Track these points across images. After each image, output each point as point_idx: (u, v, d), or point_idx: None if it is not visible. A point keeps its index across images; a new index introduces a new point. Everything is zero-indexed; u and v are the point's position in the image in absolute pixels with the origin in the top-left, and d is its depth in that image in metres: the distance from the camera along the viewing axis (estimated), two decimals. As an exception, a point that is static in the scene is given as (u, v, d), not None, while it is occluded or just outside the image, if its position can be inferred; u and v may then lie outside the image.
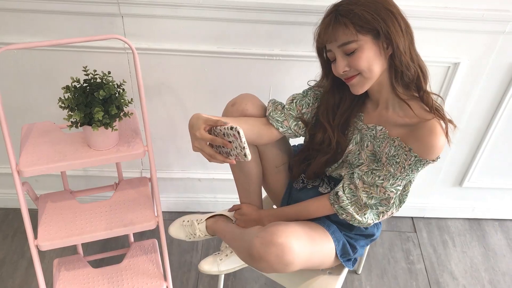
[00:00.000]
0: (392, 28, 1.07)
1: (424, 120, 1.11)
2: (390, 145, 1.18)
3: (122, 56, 1.55)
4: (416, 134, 1.13)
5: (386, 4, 1.08)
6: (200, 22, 1.47)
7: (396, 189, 1.19)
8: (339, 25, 1.07)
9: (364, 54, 1.08)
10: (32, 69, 1.58)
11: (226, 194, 1.99)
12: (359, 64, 1.09)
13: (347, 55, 1.10)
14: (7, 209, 2.01)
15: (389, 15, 1.07)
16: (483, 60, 1.57)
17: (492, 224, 2.10)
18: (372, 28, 1.06)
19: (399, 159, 1.16)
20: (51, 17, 1.45)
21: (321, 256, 1.27)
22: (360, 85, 1.14)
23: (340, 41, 1.08)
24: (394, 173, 1.17)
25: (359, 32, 1.06)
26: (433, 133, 1.10)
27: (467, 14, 1.44)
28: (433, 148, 1.11)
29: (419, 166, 1.14)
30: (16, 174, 1.29)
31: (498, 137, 1.79)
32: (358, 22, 1.05)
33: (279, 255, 1.12)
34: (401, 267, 1.90)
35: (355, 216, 1.23)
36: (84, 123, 1.26)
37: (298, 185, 1.41)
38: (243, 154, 1.04)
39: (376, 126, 1.22)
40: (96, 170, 1.89)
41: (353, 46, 1.08)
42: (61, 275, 1.58)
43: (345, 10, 1.07)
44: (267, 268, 1.15)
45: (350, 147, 1.27)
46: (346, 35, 1.07)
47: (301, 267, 1.19)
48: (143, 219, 1.46)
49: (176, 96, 1.66)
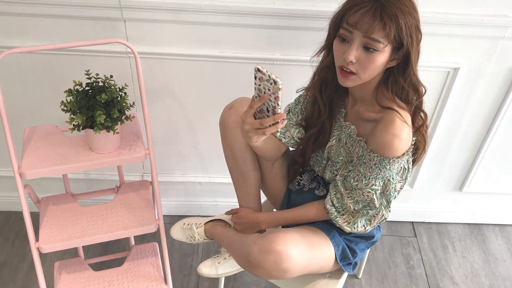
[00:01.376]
0: (415, 50, 1.08)
1: (387, 112, 1.12)
2: (358, 145, 1.20)
3: (124, 60, 1.56)
4: (374, 132, 1.14)
5: (418, 22, 1.08)
6: (202, 27, 1.48)
7: (372, 189, 1.19)
8: (382, 22, 1.03)
9: (379, 59, 1.07)
10: (34, 73, 1.59)
11: (226, 198, 1.99)
12: (369, 66, 1.08)
13: (363, 48, 1.07)
14: (9, 212, 2.02)
15: (417, 35, 1.08)
16: (483, 65, 1.57)
17: (492, 229, 2.10)
18: (399, 42, 1.06)
19: (365, 160, 1.17)
20: (54, 21, 1.46)
21: (320, 262, 1.27)
22: (352, 82, 1.13)
23: (373, 35, 1.04)
24: (364, 173, 1.18)
25: (390, 39, 1.05)
26: (388, 128, 1.10)
27: (467, 19, 1.45)
28: (389, 146, 1.11)
29: (385, 165, 1.14)
30: (18, 177, 1.30)
31: (498, 142, 1.80)
32: (396, 31, 1.04)
33: (277, 262, 1.12)
34: (401, 272, 1.90)
35: (345, 227, 1.25)
36: (86, 126, 1.27)
37: (294, 187, 1.42)
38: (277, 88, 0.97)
39: (350, 124, 1.24)
40: (98, 173, 1.90)
41: (378, 46, 1.05)
42: (62, 277, 1.58)
43: (391, 12, 1.03)
44: (265, 275, 1.16)
45: (333, 142, 1.28)
46: (382, 34, 1.04)
47: (300, 273, 1.20)
48: (144, 222, 1.46)
49: (177, 100, 1.67)
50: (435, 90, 1.64)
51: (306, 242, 1.22)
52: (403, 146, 1.12)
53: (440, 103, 1.67)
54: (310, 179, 1.40)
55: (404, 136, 1.11)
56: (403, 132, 1.11)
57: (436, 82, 1.62)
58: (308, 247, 1.21)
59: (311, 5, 1.42)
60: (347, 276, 1.42)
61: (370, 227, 1.26)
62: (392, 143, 1.11)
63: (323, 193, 1.36)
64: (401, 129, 1.10)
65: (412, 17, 1.06)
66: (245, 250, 1.19)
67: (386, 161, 1.14)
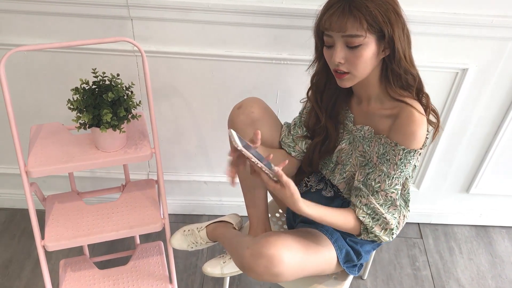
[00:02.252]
0: (397, 33, 1.07)
1: (402, 106, 1.12)
2: (378, 144, 1.19)
3: (131, 59, 1.56)
4: (396, 125, 1.13)
5: (395, 6, 1.08)
6: (209, 26, 1.48)
7: (395, 189, 1.18)
8: (351, 16, 1.04)
9: (366, 52, 1.07)
10: (41, 71, 1.59)
11: (232, 197, 1.99)
12: (358, 62, 1.08)
13: (348, 47, 1.08)
14: (15, 209, 2.02)
15: (397, 19, 1.07)
16: (492, 66, 1.56)
17: (499, 231, 2.09)
18: (379, 30, 1.06)
19: (388, 156, 1.16)
20: (61, 19, 1.46)
21: (318, 265, 1.25)
22: (348, 81, 1.14)
23: (348, 32, 1.06)
24: (388, 172, 1.16)
25: (368, 30, 1.05)
26: (410, 119, 1.11)
27: (476, 20, 1.43)
28: (414, 135, 1.11)
29: (410, 158, 1.14)
30: (24, 175, 1.30)
31: (506, 143, 1.78)
32: (370, 20, 1.04)
33: (268, 266, 1.12)
34: (407, 273, 1.89)
35: (383, 237, 1.21)
36: (92, 124, 1.27)
37: (301, 188, 1.41)
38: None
39: (363, 126, 1.23)
40: (103, 171, 1.90)
41: (359, 40, 1.06)
42: (67, 275, 1.58)
43: (359, 4, 1.04)
44: (258, 279, 1.16)
45: (343, 145, 1.28)
46: (355, 28, 1.05)
47: (295, 277, 1.19)
48: (149, 221, 1.46)
49: (184, 99, 1.67)
50: (443, 91, 1.63)
51: (301, 246, 1.20)
52: (424, 135, 1.13)
53: (448, 104, 1.66)
54: (317, 180, 1.39)
55: (424, 126, 1.12)
56: (423, 121, 1.12)
57: (444, 83, 1.61)
58: (303, 251, 1.19)
59: (318, 5, 1.40)
60: (352, 277, 1.41)
61: (398, 231, 1.24)
62: (416, 133, 1.11)
63: (330, 194, 1.35)
64: (421, 119, 1.11)
65: (386, 3, 1.06)
66: (240, 253, 1.19)
67: (413, 153, 1.13)
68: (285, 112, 1.65)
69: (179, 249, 1.54)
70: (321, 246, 1.26)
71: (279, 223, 1.57)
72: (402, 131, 1.12)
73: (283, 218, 1.57)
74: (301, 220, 1.39)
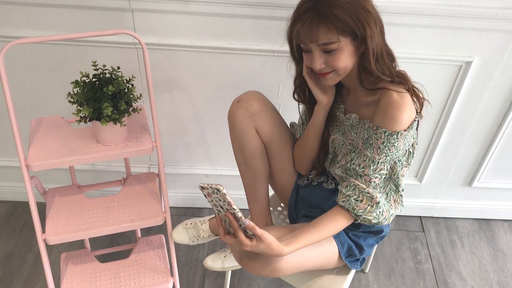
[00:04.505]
0: (369, 31, 1.07)
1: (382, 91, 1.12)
2: (363, 129, 1.19)
3: (131, 51, 1.54)
4: (378, 109, 1.13)
5: (364, 4, 1.06)
6: (210, 18, 1.46)
7: (379, 174, 1.16)
8: (321, 26, 1.05)
9: (343, 55, 1.09)
10: (41, 63, 1.58)
11: (233, 190, 1.97)
12: (337, 64, 1.10)
13: (325, 52, 1.10)
14: (16, 202, 2.02)
15: (368, 16, 1.07)
16: (496, 59, 1.55)
17: (501, 225, 2.08)
18: (351, 32, 1.07)
19: (371, 141, 1.15)
20: (61, 11, 1.45)
21: (318, 260, 1.25)
22: (333, 79, 1.15)
23: (320, 41, 1.07)
24: (372, 156, 1.15)
25: (341, 34, 1.06)
26: (389, 103, 1.10)
27: (481, 12, 1.42)
28: (396, 117, 1.10)
29: (393, 141, 1.12)
30: (24, 169, 1.29)
31: (509, 137, 1.77)
32: (340, 26, 1.05)
33: (266, 261, 1.12)
34: (409, 267, 1.88)
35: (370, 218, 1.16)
36: (93, 118, 1.26)
37: (303, 182, 1.40)
38: (223, 194, 0.97)
39: (351, 115, 1.24)
40: (104, 164, 1.89)
41: (333, 46, 1.07)
42: (69, 269, 1.58)
43: (326, 12, 1.04)
44: (256, 273, 1.15)
45: (335, 136, 1.28)
46: (327, 36, 1.06)
47: (294, 271, 1.18)
48: (151, 214, 1.46)
49: (185, 92, 1.66)
50: (447, 83, 1.61)
51: None
52: (407, 117, 1.11)
53: (452, 97, 1.64)
54: (319, 173, 1.38)
55: (406, 107, 1.10)
56: (405, 103, 1.10)
57: (448, 75, 1.59)
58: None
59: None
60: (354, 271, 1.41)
61: (393, 210, 1.19)
62: (397, 115, 1.10)
63: (331, 186, 1.35)
64: (402, 101, 1.10)
65: (354, 3, 1.05)
66: (238, 248, 1.18)
67: (395, 136, 1.11)
68: (287, 104, 1.63)
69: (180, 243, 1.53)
70: (322, 241, 1.25)
71: (281, 217, 1.56)
72: (382, 114, 1.12)
73: (285, 212, 1.57)
74: (303, 215, 1.38)
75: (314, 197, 1.36)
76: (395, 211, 1.21)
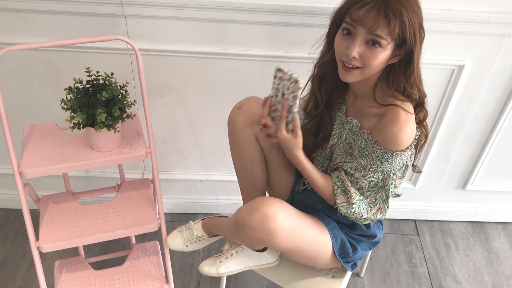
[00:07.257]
0: (417, 48, 1.08)
1: (389, 107, 1.13)
2: (361, 138, 1.19)
3: (125, 57, 1.54)
4: (380, 125, 1.14)
5: (421, 21, 1.08)
6: (204, 23, 1.46)
7: (368, 180, 1.19)
8: (386, 18, 1.03)
9: (381, 55, 1.07)
10: (34, 70, 1.57)
11: (228, 195, 1.98)
12: (372, 62, 1.08)
13: (366, 44, 1.07)
14: (8, 209, 2.00)
15: (421, 34, 1.08)
16: (488, 63, 1.56)
17: (495, 227, 2.09)
18: (402, 39, 1.06)
19: (367, 152, 1.17)
20: (54, 18, 1.44)
21: (313, 243, 1.26)
22: (354, 77, 1.13)
23: (376, 32, 1.04)
24: (364, 165, 1.18)
25: (393, 36, 1.05)
26: (393, 122, 1.11)
27: (472, 16, 1.43)
28: (395, 138, 1.11)
29: (387, 158, 1.14)
30: (17, 176, 1.28)
31: (502, 139, 1.78)
32: (400, 27, 1.04)
33: (262, 220, 1.13)
34: (404, 270, 1.89)
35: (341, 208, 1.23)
36: (86, 124, 1.25)
37: (300, 188, 1.41)
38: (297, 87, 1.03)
39: (352, 119, 1.24)
40: (98, 171, 1.88)
41: (381, 42, 1.05)
42: (63, 276, 1.57)
43: (395, 8, 1.02)
44: (252, 235, 1.16)
45: (333, 141, 1.29)
46: (385, 31, 1.04)
47: (289, 243, 1.19)
48: (145, 221, 1.45)
49: (179, 98, 1.66)
50: (439, 87, 1.62)
51: (298, 215, 1.23)
52: (407, 139, 1.12)
53: (444, 100, 1.65)
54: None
55: (409, 130, 1.11)
56: (408, 125, 1.11)
57: (440, 79, 1.60)
58: (298, 220, 1.22)
59: (314, 2, 1.40)
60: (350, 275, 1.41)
61: (367, 215, 1.23)
62: (397, 136, 1.11)
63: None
64: (406, 123, 1.11)
65: (416, 15, 1.06)
66: (235, 216, 1.21)
67: (389, 154, 1.13)
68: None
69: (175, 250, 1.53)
70: (316, 226, 1.28)
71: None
72: (382, 133, 1.13)
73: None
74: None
75: (309, 200, 1.37)
76: (372, 217, 1.24)
